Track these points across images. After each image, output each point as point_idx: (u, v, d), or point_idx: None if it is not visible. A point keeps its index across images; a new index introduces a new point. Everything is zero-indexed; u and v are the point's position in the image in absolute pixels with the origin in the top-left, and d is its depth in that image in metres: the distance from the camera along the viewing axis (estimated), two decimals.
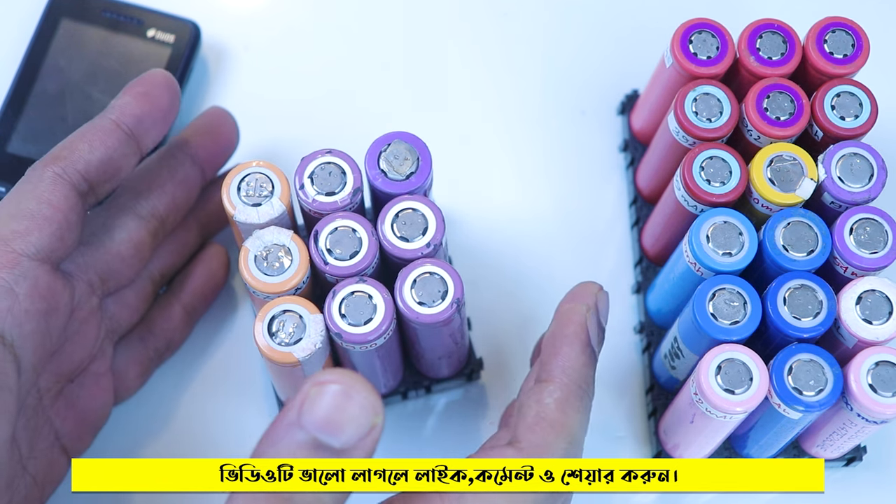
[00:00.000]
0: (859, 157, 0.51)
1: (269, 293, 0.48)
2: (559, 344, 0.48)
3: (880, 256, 0.50)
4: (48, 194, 0.49)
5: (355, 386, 0.41)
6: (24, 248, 0.48)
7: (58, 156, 0.50)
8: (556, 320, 0.49)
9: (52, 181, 0.49)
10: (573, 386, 0.47)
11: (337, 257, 0.49)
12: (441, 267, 0.48)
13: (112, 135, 0.51)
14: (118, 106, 0.51)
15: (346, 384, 0.41)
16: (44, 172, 0.50)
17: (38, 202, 0.49)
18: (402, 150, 0.49)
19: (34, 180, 0.50)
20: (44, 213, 0.49)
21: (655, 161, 0.57)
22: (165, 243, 0.56)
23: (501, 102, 0.63)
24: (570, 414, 0.46)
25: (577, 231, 0.61)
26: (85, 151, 0.50)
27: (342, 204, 0.49)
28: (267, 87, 0.62)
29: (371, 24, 0.64)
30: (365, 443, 0.41)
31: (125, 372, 0.54)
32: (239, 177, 0.50)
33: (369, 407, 0.41)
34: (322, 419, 0.41)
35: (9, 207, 0.49)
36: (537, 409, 0.46)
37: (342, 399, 0.41)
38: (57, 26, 0.60)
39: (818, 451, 0.55)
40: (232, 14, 0.64)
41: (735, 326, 0.50)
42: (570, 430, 0.46)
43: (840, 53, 0.53)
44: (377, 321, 0.48)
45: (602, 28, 0.64)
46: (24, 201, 0.49)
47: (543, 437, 0.46)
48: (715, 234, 0.51)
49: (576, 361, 0.47)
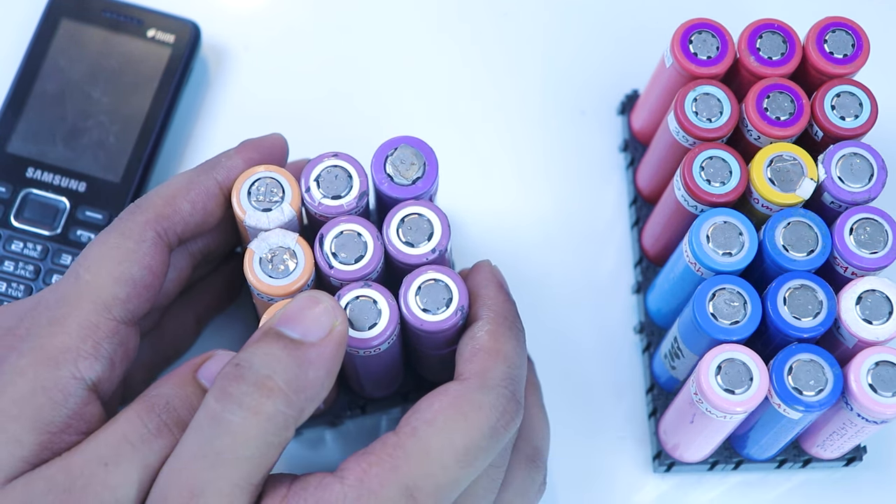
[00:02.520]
0: (859, 157, 0.51)
1: (273, 296, 0.48)
2: (476, 289, 0.49)
3: (880, 256, 0.50)
4: (150, 259, 0.47)
5: (322, 296, 0.45)
6: (123, 315, 0.47)
7: (161, 214, 0.48)
8: (469, 276, 0.50)
9: (154, 244, 0.47)
10: (500, 318, 0.48)
11: (342, 261, 0.48)
12: (446, 274, 0.48)
13: (214, 200, 0.49)
14: (227, 167, 0.49)
15: (314, 294, 0.45)
16: (146, 232, 0.47)
17: (141, 268, 0.47)
18: (409, 154, 0.49)
19: (136, 237, 0.47)
20: (145, 282, 0.47)
21: (655, 161, 0.57)
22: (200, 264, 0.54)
23: (501, 102, 0.63)
24: (503, 341, 0.47)
25: (576, 231, 0.61)
26: (186, 213, 0.48)
27: (348, 208, 0.49)
28: (267, 88, 0.62)
29: (371, 25, 0.64)
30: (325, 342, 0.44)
31: (132, 377, 0.54)
32: (250, 181, 0.49)
33: (330, 311, 0.45)
34: (287, 315, 0.45)
35: (111, 266, 0.47)
36: (471, 344, 0.48)
37: (308, 301, 0.45)
38: (57, 26, 0.60)
39: (818, 451, 0.55)
40: (232, 14, 0.64)
41: (735, 326, 0.50)
42: (506, 355, 0.47)
43: (840, 53, 0.53)
44: (381, 326, 0.48)
45: (602, 28, 0.64)
46: (127, 263, 0.47)
47: (481, 364, 0.47)
48: (715, 234, 0.51)
49: (496, 299, 0.49)
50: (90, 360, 0.45)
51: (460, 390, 0.46)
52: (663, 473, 0.57)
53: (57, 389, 0.45)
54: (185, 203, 0.48)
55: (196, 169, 0.50)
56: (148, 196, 0.49)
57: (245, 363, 0.43)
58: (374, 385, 0.54)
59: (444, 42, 0.63)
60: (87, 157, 0.58)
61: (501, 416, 0.46)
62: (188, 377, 0.47)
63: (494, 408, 0.46)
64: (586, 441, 0.56)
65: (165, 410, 0.45)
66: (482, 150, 0.62)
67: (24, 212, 0.57)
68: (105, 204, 0.58)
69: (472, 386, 0.46)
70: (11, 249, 0.57)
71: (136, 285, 0.47)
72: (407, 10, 0.64)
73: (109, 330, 0.46)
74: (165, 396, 0.46)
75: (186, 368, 0.47)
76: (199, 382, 0.47)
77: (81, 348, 0.45)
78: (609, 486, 0.57)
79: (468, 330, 0.48)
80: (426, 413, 0.45)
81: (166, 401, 0.46)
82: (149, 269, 0.47)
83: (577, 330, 0.59)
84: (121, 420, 0.45)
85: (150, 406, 0.45)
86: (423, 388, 0.56)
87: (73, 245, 0.57)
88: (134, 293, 0.47)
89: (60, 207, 0.58)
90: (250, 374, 0.43)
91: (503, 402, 0.46)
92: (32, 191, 0.58)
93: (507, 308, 0.49)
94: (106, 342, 0.46)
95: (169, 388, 0.46)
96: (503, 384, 0.46)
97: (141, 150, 0.59)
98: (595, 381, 0.58)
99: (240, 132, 0.59)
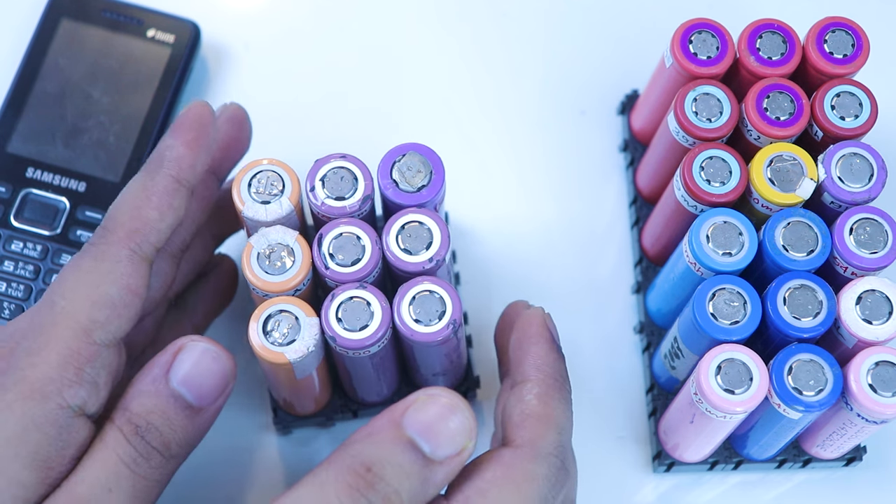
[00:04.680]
0: (859, 157, 0.51)
1: (269, 291, 0.48)
2: (527, 345, 0.49)
3: (880, 256, 0.50)
4: (127, 278, 0.46)
5: (461, 405, 0.44)
6: (104, 338, 0.46)
7: (132, 230, 0.47)
8: (518, 326, 0.49)
9: (130, 261, 0.47)
10: (550, 380, 0.48)
11: (338, 263, 0.48)
12: (442, 286, 0.48)
13: (177, 195, 0.48)
14: (174, 159, 0.48)
15: (453, 401, 0.44)
16: (120, 251, 0.47)
17: (119, 288, 0.46)
18: (416, 162, 0.49)
19: (111, 259, 0.47)
20: (125, 301, 0.46)
21: (655, 161, 0.57)
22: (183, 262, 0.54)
23: (501, 102, 0.63)
24: (553, 405, 0.47)
25: (576, 231, 0.61)
26: (156, 221, 0.47)
27: (351, 210, 0.49)
28: (267, 88, 0.62)
29: (371, 25, 0.64)
30: (453, 461, 0.44)
31: None
32: (251, 173, 0.49)
33: (468, 428, 0.44)
34: (424, 424, 0.44)
35: (87, 290, 0.46)
36: (520, 407, 0.47)
37: (447, 412, 0.44)
38: (57, 26, 0.60)
39: (818, 451, 0.55)
40: (232, 14, 0.64)
41: (735, 326, 0.50)
42: (557, 421, 0.47)
43: (840, 53, 0.53)
44: (373, 328, 0.48)
45: (602, 28, 0.64)
46: (104, 285, 0.46)
47: (532, 431, 0.46)
48: (715, 234, 0.51)
49: (547, 357, 0.48)
50: (74, 387, 0.45)
51: (513, 460, 0.46)
52: (663, 473, 0.57)
53: (48, 424, 0.44)
54: (151, 212, 0.48)
55: (146, 171, 0.49)
56: (111, 215, 0.48)
57: (377, 470, 0.43)
58: (365, 390, 0.54)
59: (444, 42, 0.63)
60: (87, 157, 0.58)
61: (553, 487, 0.46)
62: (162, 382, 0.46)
63: (547, 479, 0.46)
64: (586, 441, 0.56)
65: (148, 430, 0.45)
66: (482, 150, 0.62)
67: (24, 212, 0.57)
68: (105, 204, 0.57)
69: (524, 455, 0.46)
70: (11, 249, 0.57)
71: (116, 306, 0.46)
72: (407, 10, 0.64)
73: (91, 354, 0.46)
74: (144, 415, 0.46)
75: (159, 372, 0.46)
76: (174, 389, 0.46)
77: (64, 377, 0.45)
78: (609, 486, 0.57)
79: (515, 389, 0.48)
80: (478, 482, 0.45)
81: (147, 420, 0.46)
82: (127, 288, 0.46)
83: (578, 330, 0.59)
84: (110, 441, 0.45)
85: (134, 428, 0.45)
86: None
87: (73, 245, 0.57)
88: (114, 314, 0.46)
89: (60, 207, 0.58)
90: (381, 486, 0.43)
91: (554, 473, 0.46)
92: (32, 191, 0.58)
93: (558, 369, 0.48)
94: (88, 367, 0.45)
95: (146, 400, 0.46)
96: (554, 453, 0.46)
97: (141, 150, 0.59)
98: (595, 381, 0.58)
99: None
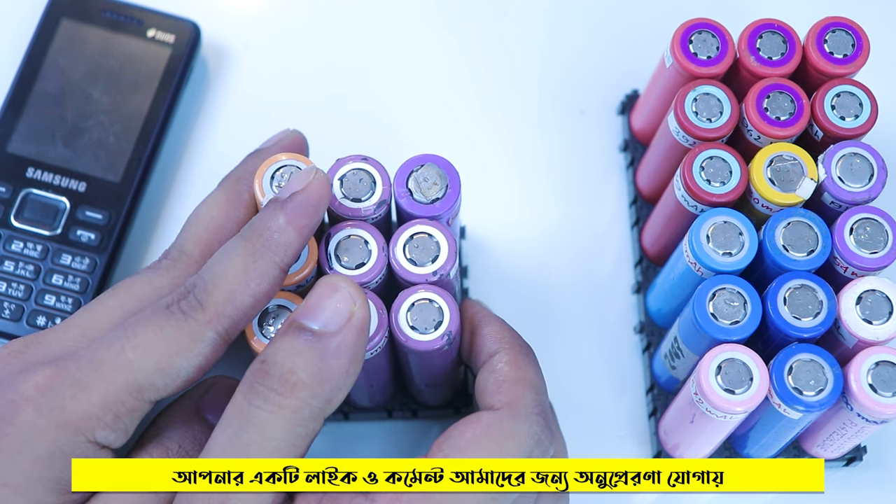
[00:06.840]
0: (859, 157, 0.51)
1: None
2: (479, 328, 0.49)
3: (880, 256, 0.50)
4: (202, 359, 0.45)
5: (340, 280, 0.45)
6: (153, 397, 0.45)
7: (222, 313, 0.45)
8: (465, 320, 0.50)
9: (212, 344, 0.45)
10: (516, 347, 0.48)
11: (343, 265, 0.48)
12: (442, 297, 0.48)
13: (276, 282, 0.46)
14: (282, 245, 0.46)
15: (331, 279, 0.45)
16: (206, 332, 0.45)
17: (190, 366, 0.45)
18: (433, 174, 0.49)
19: (194, 336, 0.45)
20: (190, 378, 0.45)
21: (655, 161, 0.57)
22: None
23: (501, 103, 0.63)
24: (525, 368, 0.48)
25: (576, 231, 0.61)
26: (249, 308, 0.45)
27: (365, 213, 0.49)
28: (267, 88, 0.62)
29: (371, 24, 0.64)
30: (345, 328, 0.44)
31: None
32: (274, 167, 0.49)
33: (351, 295, 0.44)
34: (307, 306, 0.44)
35: (159, 357, 0.45)
36: (494, 377, 0.48)
37: (328, 290, 0.44)
38: (57, 26, 0.60)
39: (818, 451, 0.55)
40: (232, 14, 0.64)
41: (735, 326, 0.50)
42: (532, 381, 0.47)
43: (840, 53, 0.53)
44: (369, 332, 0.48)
45: (602, 28, 0.64)
46: (177, 358, 0.45)
47: (510, 394, 0.47)
48: (715, 234, 0.51)
49: (503, 331, 0.49)
50: (108, 430, 0.45)
51: (493, 420, 0.46)
52: None
53: (75, 455, 0.44)
54: (247, 298, 0.45)
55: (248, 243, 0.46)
56: (208, 290, 0.45)
57: (269, 359, 0.44)
58: (357, 394, 0.54)
59: (444, 42, 0.63)
60: (87, 157, 0.58)
61: (537, 445, 0.46)
62: (193, 414, 0.47)
63: (531, 436, 0.46)
64: (586, 441, 0.56)
65: (179, 456, 0.46)
66: (482, 149, 0.62)
67: (24, 212, 0.57)
68: (105, 204, 0.58)
69: (504, 416, 0.46)
70: (11, 249, 0.57)
71: (179, 379, 0.45)
72: (407, 10, 0.64)
73: (135, 408, 0.45)
74: (177, 439, 0.46)
75: (190, 403, 0.48)
76: (205, 419, 0.47)
77: (102, 419, 0.44)
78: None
79: (486, 365, 0.48)
80: (459, 441, 0.45)
81: (178, 444, 0.46)
82: (198, 368, 0.45)
83: (578, 330, 0.59)
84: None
85: (164, 451, 0.46)
86: (406, 407, 0.56)
87: (73, 245, 0.57)
88: (173, 385, 0.45)
89: (60, 207, 0.58)
90: (274, 369, 0.43)
91: (538, 431, 0.46)
92: (32, 191, 0.58)
93: (516, 337, 0.49)
94: (127, 417, 0.45)
95: (177, 430, 0.47)
96: (535, 411, 0.46)
97: (141, 150, 0.59)
98: (595, 381, 0.58)
99: (240, 132, 0.59)
